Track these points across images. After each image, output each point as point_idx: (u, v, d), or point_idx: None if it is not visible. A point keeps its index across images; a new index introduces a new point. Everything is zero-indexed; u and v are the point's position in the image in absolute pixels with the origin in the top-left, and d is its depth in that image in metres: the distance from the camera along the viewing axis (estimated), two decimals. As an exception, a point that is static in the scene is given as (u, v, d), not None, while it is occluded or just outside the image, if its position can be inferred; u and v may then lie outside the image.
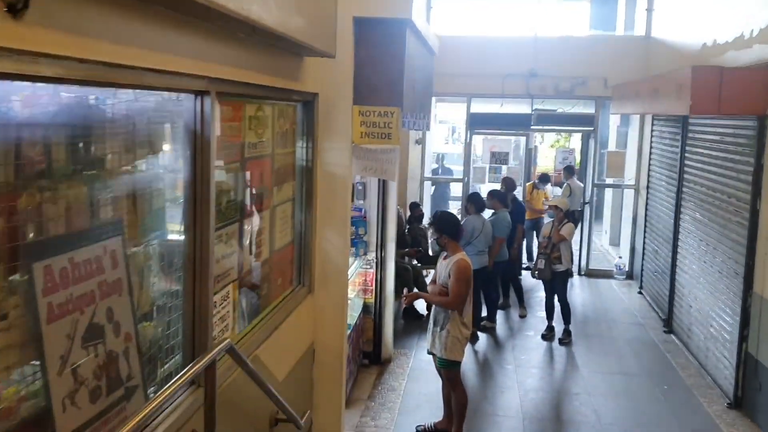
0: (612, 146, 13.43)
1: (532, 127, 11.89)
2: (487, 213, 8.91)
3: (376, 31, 4.61)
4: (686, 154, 8.73)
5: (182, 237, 2.95)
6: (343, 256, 4.80)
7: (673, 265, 9.02)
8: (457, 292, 5.53)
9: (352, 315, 7.14)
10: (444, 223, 5.76)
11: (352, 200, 7.40)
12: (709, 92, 6.40)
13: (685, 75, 6.60)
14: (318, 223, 4.66)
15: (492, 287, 9.07)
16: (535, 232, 12.17)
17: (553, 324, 8.81)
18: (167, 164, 2.89)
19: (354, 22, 4.64)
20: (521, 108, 12.05)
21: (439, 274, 5.82)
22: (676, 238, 8.99)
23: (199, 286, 2.98)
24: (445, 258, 5.82)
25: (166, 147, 2.87)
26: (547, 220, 12.12)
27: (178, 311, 2.98)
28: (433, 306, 5.89)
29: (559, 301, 8.67)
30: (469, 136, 12.02)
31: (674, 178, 9.16)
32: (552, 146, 24.98)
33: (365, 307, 7.57)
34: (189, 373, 2.51)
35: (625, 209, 12.71)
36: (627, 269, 11.91)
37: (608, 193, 13.92)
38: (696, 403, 6.87)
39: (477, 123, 11.95)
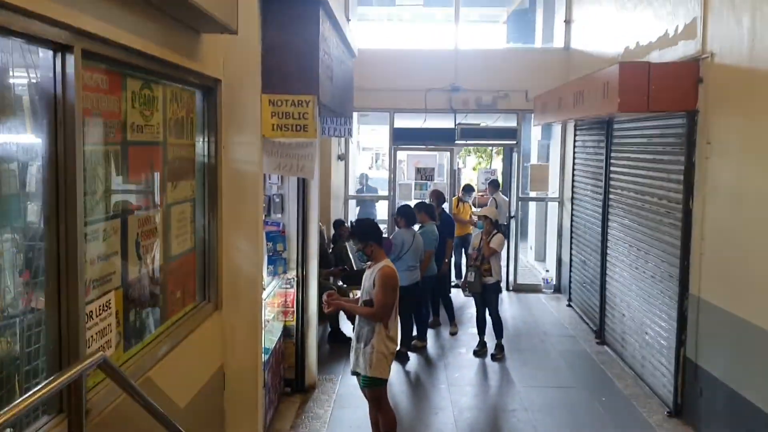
0: (534, 160, 13.37)
1: (456, 142, 11.65)
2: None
3: (285, 10, 4.13)
4: (612, 161, 8.61)
5: (43, 230, 2.36)
6: (254, 267, 4.25)
7: (603, 275, 8.85)
8: (383, 302, 5.06)
9: (271, 339, 6.55)
10: (364, 229, 5.29)
11: (268, 214, 6.90)
12: (638, 89, 6.24)
13: (612, 73, 6.43)
14: (224, 228, 4.10)
15: (421, 304, 8.64)
16: (463, 249, 11.89)
17: (485, 339, 8.44)
18: (20, 138, 2.31)
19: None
20: (445, 123, 11.80)
21: (363, 285, 5.34)
22: (604, 247, 8.82)
23: (66, 291, 2.39)
24: (368, 267, 5.35)
25: (17, 114, 2.29)
26: (475, 233, 11.85)
27: (40, 324, 2.38)
28: (357, 321, 5.38)
29: (490, 314, 8.33)
30: (393, 152, 11.66)
31: (600, 186, 9.03)
32: (474, 169, 25.07)
33: (286, 331, 6.97)
34: (41, 392, 1.92)
35: (550, 223, 12.61)
36: (554, 282, 11.75)
37: (532, 207, 13.85)
38: (635, 414, 6.59)
39: (401, 138, 11.62)
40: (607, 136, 8.72)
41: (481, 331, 8.46)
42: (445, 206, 10.48)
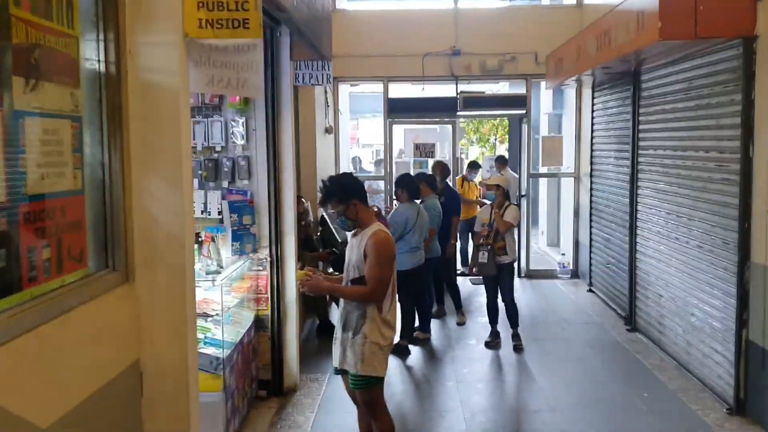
0: (545, 133, 12.11)
1: (458, 113, 10.42)
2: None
3: None
4: (640, 118, 7.38)
5: None
6: (181, 222, 3.04)
7: (632, 253, 7.62)
8: (377, 276, 3.87)
9: (238, 331, 5.35)
10: (342, 184, 4.09)
11: (232, 180, 5.71)
12: (683, 11, 5.03)
13: (648, -4, 5.22)
14: (133, 165, 2.89)
15: (424, 291, 7.43)
16: (469, 234, 10.66)
17: (498, 329, 7.23)
18: None
19: None
20: (445, 91, 10.58)
21: (348, 259, 4.13)
22: (633, 221, 7.60)
23: None
24: (354, 235, 4.14)
25: None
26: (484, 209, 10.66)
27: None
28: (342, 305, 4.17)
29: (504, 300, 7.12)
30: (388, 126, 10.44)
31: (626, 151, 7.80)
32: (478, 159, 23.81)
33: (258, 322, 5.77)
34: None
35: (564, 202, 11.38)
36: (572, 267, 10.52)
37: (543, 186, 12.56)
38: (687, 412, 5.36)
39: (396, 110, 10.39)
40: (634, 90, 7.49)
41: (493, 320, 7.24)
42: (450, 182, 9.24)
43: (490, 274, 6.97)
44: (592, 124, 9.37)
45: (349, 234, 4.26)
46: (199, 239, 5.23)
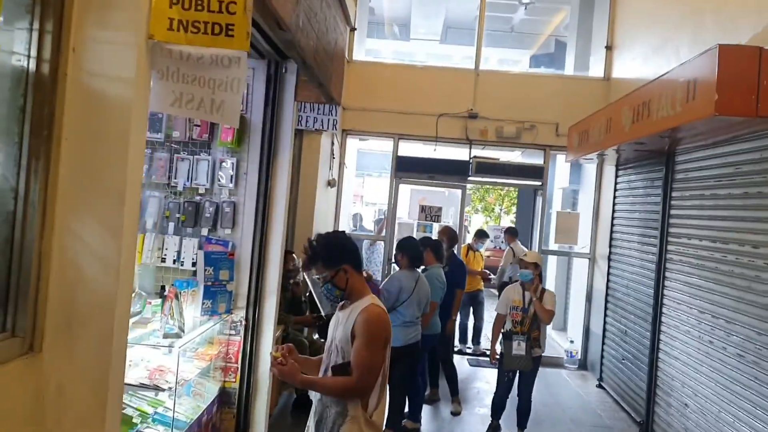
0: (558, 209, 11.43)
1: (470, 178, 9.77)
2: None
3: None
4: (673, 202, 6.70)
5: None
6: (115, 278, 2.28)
7: (654, 350, 6.81)
8: (367, 363, 3.10)
9: (197, 406, 4.53)
10: (332, 245, 3.32)
11: (214, 228, 4.98)
12: (744, 85, 4.38)
13: (705, 64, 4.58)
14: (59, 197, 2.16)
15: (417, 372, 6.57)
16: (471, 309, 9.86)
17: (500, 424, 6.35)
18: None
19: None
20: (458, 154, 9.96)
21: (332, 337, 3.35)
22: (657, 315, 6.82)
23: None
24: (342, 308, 3.37)
25: None
26: (512, 288, 9.94)
27: None
28: (318, 395, 3.36)
29: (521, 396, 6.25)
30: (394, 184, 9.78)
31: (653, 237, 7.09)
32: (483, 227, 23.14)
33: (223, 396, 4.95)
34: None
35: (575, 284, 10.61)
36: (580, 357, 9.66)
37: (551, 265, 11.81)
38: None
39: (405, 168, 9.75)
40: (667, 171, 6.84)
41: (497, 414, 6.42)
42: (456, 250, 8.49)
43: (526, 368, 6.09)
44: (614, 204, 8.69)
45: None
46: (163, 294, 4.49)
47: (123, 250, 2.29)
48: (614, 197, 8.72)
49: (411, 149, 10.10)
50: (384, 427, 3.34)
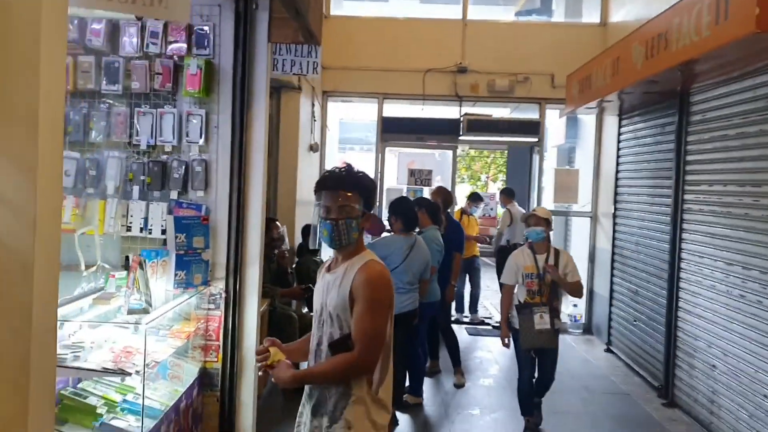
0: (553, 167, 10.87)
1: (461, 137, 9.18)
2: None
3: None
4: (689, 147, 6.15)
5: None
6: (31, 237, 1.67)
7: (672, 309, 6.31)
8: (371, 331, 2.57)
9: (175, 390, 3.96)
10: (367, 182, 2.75)
11: (184, 190, 4.37)
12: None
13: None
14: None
15: (416, 343, 6.02)
16: (468, 276, 9.32)
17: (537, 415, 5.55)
18: None
19: None
20: (447, 113, 9.35)
21: (321, 304, 2.75)
22: (675, 271, 6.30)
23: None
24: (331, 269, 2.78)
25: None
26: (524, 254, 9.45)
27: None
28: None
29: (544, 376, 5.34)
30: (381, 149, 9.16)
31: (666, 187, 6.56)
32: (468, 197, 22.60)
33: (204, 378, 4.37)
34: None
35: (575, 245, 10.10)
36: (583, 321, 9.20)
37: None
38: None
39: (391, 130, 9.13)
40: (681, 115, 6.29)
41: (528, 408, 5.42)
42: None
43: (551, 346, 5.18)
44: (618, 157, 8.14)
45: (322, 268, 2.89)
46: (128, 265, 3.88)
47: (39, 195, 1.69)
48: (618, 150, 8.16)
49: (397, 110, 9.48)
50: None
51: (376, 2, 16.27)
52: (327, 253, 6.66)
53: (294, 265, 7.06)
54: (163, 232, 4.27)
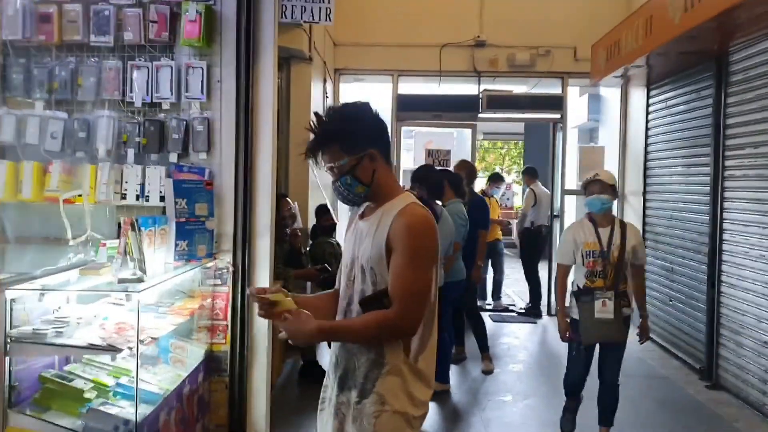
0: (574, 146, 10.34)
1: (480, 115, 8.73)
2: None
3: None
4: (729, 110, 5.70)
5: None
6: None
7: (715, 285, 5.84)
8: (412, 287, 2.14)
9: (178, 374, 3.55)
10: (348, 122, 2.23)
11: (185, 152, 3.96)
12: None
13: None
14: None
15: (441, 326, 5.56)
16: (491, 260, 8.84)
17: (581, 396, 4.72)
18: None
19: None
20: (466, 89, 8.90)
21: (351, 257, 2.30)
22: (716, 244, 5.84)
23: None
24: (364, 216, 2.34)
25: None
26: (578, 226, 9.02)
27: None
28: (337, 344, 2.34)
29: (605, 379, 4.36)
30: (396, 128, 8.73)
31: (704, 155, 6.10)
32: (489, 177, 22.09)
33: (211, 361, 3.95)
34: None
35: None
36: (613, 305, 8.69)
37: (569, 206, 10.47)
38: None
39: (406, 107, 8.69)
40: (719, 75, 5.82)
41: (575, 391, 4.53)
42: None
43: (616, 339, 4.23)
44: (647, 130, 7.67)
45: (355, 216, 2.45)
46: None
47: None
48: (647, 123, 7.69)
49: (412, 88, 9.04)
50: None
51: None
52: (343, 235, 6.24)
53: (308, 248, 6.64)
54: (162, 199, 3.84)
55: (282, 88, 6.83)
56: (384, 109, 8.96)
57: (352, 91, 9.47)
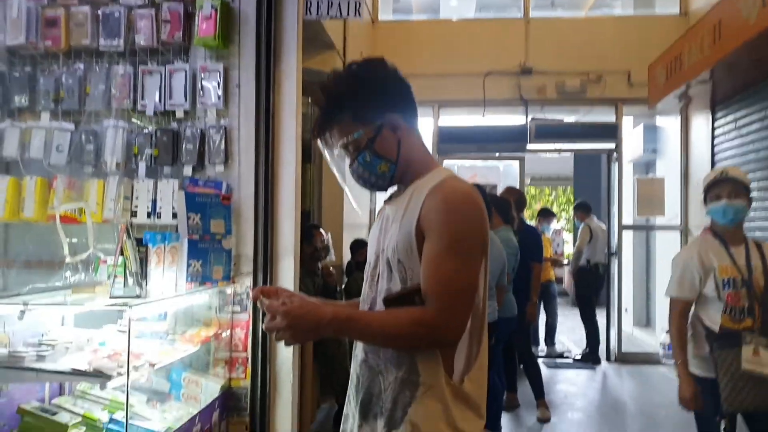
0: (629, 180, 9.66)
1: (528, 146, 8.23)
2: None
3: None
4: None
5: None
6: None
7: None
8: (455, 279, 1.61)
9: (187, 412, 3.07)
10: (359, 84, 1.75)
11: (200, 166, 3.57)
12: None
13: None
14: None
15: (492, 369, 4.95)
16: (542, 303, 8.18)
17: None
18: None
19: None
20: (512, 119, 8.43)
21: (376, 250, 1.81)
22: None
23: None
24: (392, 200, 1.84)
25: None
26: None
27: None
28: (359, 356, 1.80)
29: None
30: (438, 161, 8.27)
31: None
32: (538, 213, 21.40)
33: (229, 397, 3.47)
34: None
35: (660, 265, 8.90)
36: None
37: (626, 244, 9.80)
38: None
39: (449, 140, 8.25)
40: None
41: None
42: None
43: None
44: (713, 155, 7.04)
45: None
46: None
47: None
48: (712, 149, 7.07)
49: (454, 120, 8.62)
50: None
51: (427, 5, 15.74)
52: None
53: (343, 285, 6.16)
54: (175, 216, 3.45)
55: (314, 115, 6.48)
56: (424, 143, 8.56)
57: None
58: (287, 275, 3.57)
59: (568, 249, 18.52)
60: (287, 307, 1.56)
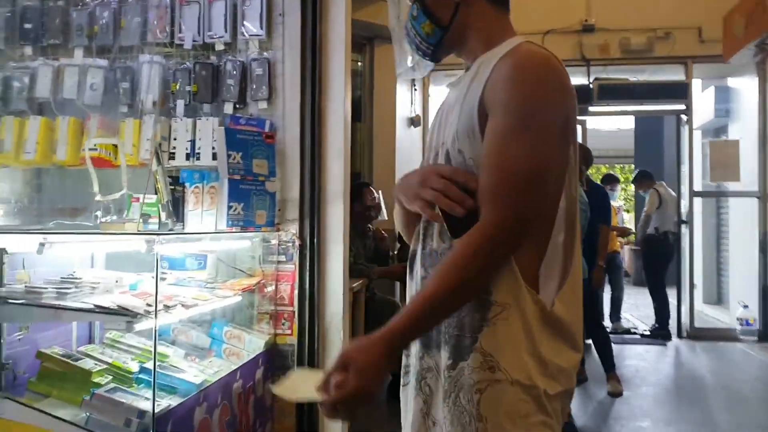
0: (698, 149, 9.02)
1: (591, 107, 7.73)
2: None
3: None
4: None
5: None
6: None
7: None
8: (521, 171, 1.24)
9: (229, 366, 2.80)
10: None
11: (242, 101, 3.28)
12: None
13: None
14: None
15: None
16: (607, 275, 7.65)
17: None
18: None
19: None
20: (574, 80, 7.92)
21: (435, 146, 1.44)
22: None
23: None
24: (454, 84, 1.48)
25: None
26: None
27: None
28: (418, 267, 1.43)
29: None
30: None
31: None
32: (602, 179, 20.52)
33: (275, 355, 3.18)
34: None
35: (733, 234, 8.30)
36: (758, 326, 7.33)
37: (696, 209, 8.97)
38: None
39: (506, 103, 7.80)
40: None
41: None
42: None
43: None
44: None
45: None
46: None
47: None
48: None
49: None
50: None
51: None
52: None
53: (396, 251, 5.83)
54: (215, 157, 3.17)
55: (364, 74, 6.17)
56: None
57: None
58: (337, 223, 3.26)
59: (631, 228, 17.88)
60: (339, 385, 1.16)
